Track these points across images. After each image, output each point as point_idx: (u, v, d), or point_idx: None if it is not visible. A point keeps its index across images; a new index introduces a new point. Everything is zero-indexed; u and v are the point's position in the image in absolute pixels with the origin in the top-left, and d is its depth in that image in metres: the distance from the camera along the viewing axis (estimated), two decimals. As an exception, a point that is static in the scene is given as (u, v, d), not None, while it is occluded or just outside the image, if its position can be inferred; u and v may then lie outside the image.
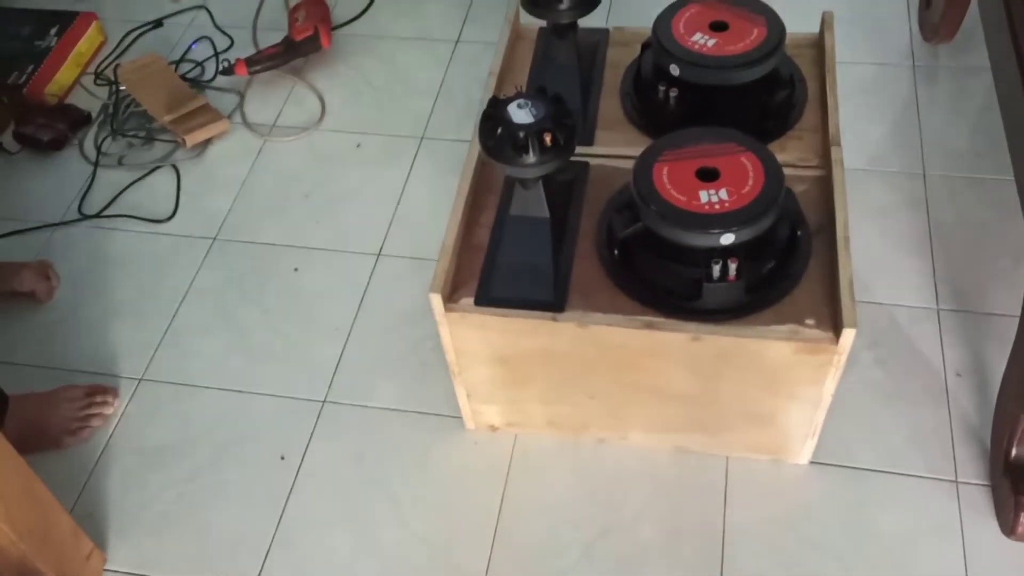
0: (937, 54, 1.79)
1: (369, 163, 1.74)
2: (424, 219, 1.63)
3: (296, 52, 1.89)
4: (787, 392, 1.12)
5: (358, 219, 1.64)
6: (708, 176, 1.06)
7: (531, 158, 1.01)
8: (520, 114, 1.02)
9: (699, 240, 1.03)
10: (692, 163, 1.08)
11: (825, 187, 1.19)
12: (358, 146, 1.77)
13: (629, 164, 1.14)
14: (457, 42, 1.95)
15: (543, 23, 1.37)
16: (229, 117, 1.83)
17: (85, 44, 1.96)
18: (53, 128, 1.79)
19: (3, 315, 1.54)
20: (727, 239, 1.02)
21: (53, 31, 1.95)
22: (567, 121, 1.03)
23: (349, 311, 1.50)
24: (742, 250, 1.04)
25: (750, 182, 1.05)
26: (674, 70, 1.21)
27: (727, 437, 1.23)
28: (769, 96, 1.25)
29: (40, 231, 1.67)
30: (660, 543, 1.21)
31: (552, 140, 1.01)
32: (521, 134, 1.00)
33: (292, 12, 1.95)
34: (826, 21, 1.35)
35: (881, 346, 1.37)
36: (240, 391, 1.42)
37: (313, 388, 1.41)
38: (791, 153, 1.23)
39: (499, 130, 1.01)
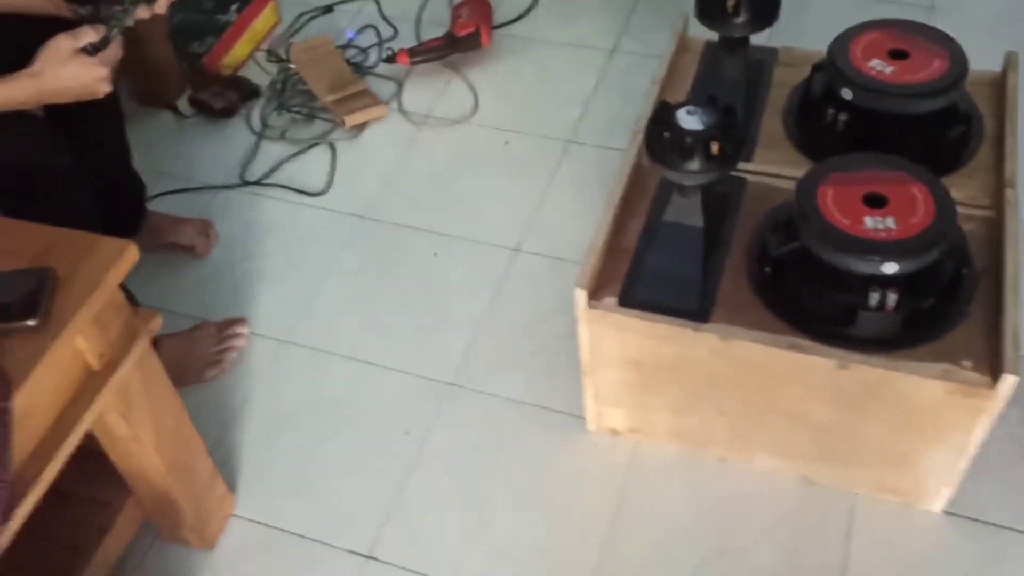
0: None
1: (515, 161, 1.77)
2: (563, 222, 1.64)
3: (457, 47, 1.94)
4: (932, 434, 1.08)
5: (500, 214, 1.67)
6: (875, 202, 1.04)
7: (695, 165, 1.01)
8: (690, 120, 1.02)
9: (860, 266, 1.00)
10: (859, 188, 1.05)
11: (994, 229, 1.14)
12: (506, 143, 1.80)
13: (787, 184, 1.13)
14: (613, 52, 1.96)
15: (710, 38, 1.37)
16: (387, 103, 1.89)
17: (261, 22, 2.07)
18: (225, 97, 1.90)
19: (163, 265, 1.64)
20: (890, 268, 0.99)
21: (233, 7, 2.06)
22: (736, 132, 1.02)
23: (483, 301, 1.53)
24: (904, 281, 1.01)
25: (920, 213, 1.02)
26: (846, 94, 1.19)
27: (859, 473, 1.20)
28: (944, 130, 1.21)
29: (204, 192, 1.77)
30: (775, 573, 1.19)
31: (719, 149, 1.01)
32: (689, 140, 1.01)
33: (456, 8, 2.01)
34: (1010, 61, 1.30)
35: (1033, 403, 1.30)
36: (372, 363, 1.47)
37: (442, 370, 1.45)
38: (961, 191, 1.18)
39: (666, 134, 1.02)
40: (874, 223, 1.01)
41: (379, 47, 2.03)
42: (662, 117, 1.04)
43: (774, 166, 1.25)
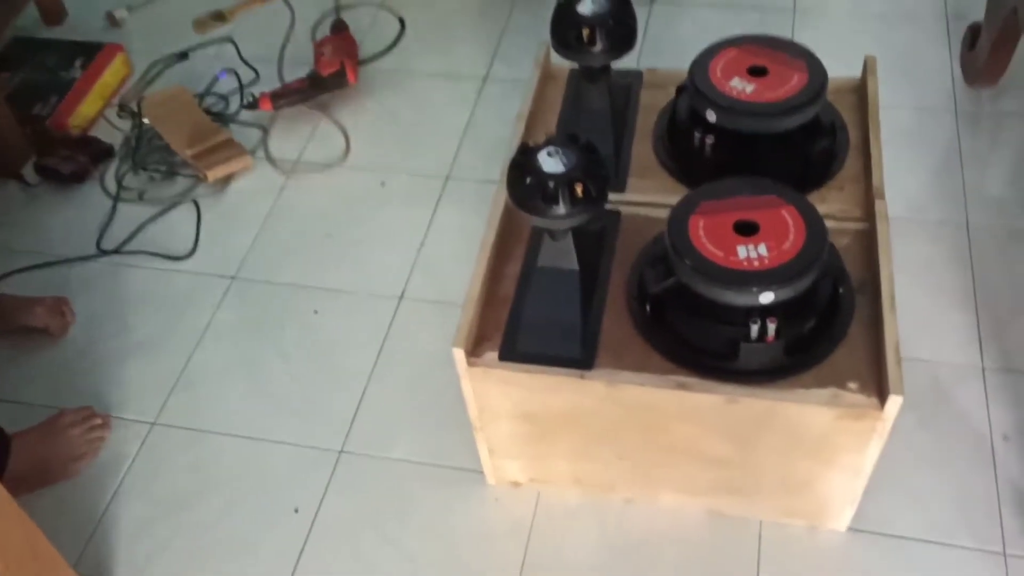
0: (980, 99, 1.73)
1: (393, 202, 1.70)
2: (448, 262, 1.59)
3: (322, 87, 1.86)
4: (827, 459, 1.06)
5: (380, 260, 1.60)
6: (747, 230, 1.01)
7: (561, 209, 0.97)
8: (550, 163, 0.98)
9: (736, 298, 0.97)
10: (730, 215, 1.03)
11: (868, 241, 1.13)
12: (382, 185, 1.74)
13: (663, 213, 1.10)
14: (485, 79, 1.92)
15: (574, 65, 1.33)
16: (252, 152, 1.80)
17: (110, 76, 1.95)
18: (75, 161, 1.77)
19: (15, 350, 1.51)
20: (766, 297, 0.96)
21: (78, 62, 1.94)
22: (600, 171, 0.98)
23: (369, 357, 1.46)
24: (781, 309, 0.98)
25: (791, 237, 1.00)
26: (711, 116, 1.17)
27: (763, 502, 1.17)
28: (809, 144, 1.20)
29: (59, 267, 1.64)
30: (690, 612, 1.15)
31: (583, 191, 0.97)
32: (551, 184, 0.96)
33: (318, 46, 1.93)
34: (868, 66, 1.30)
35: (923, 407, 1.31)
36: (255, 438, 1.38)
37: (330, 437, 1.37)
38: (832, 204, 1.17)
39: (528, 179, 0.97)
40: (747, 252, 0.99)
41: (240, 92, 1.94)
42: (522, 161, 0.99)
43: (649, 195, 1.22)
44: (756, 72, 1.19)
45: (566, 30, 1.16)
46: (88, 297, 1.59)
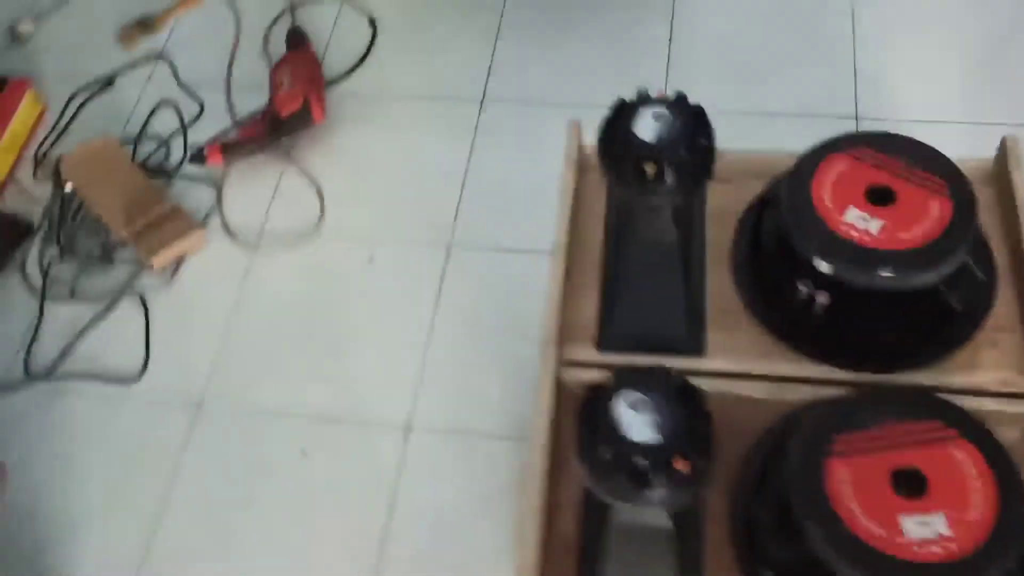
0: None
1: (385, 284, 1.39)
2: (460, 368, 1.29)
3: (283, 131, 1.51)
4: None
5: (377, 372, 1.30)
6: (911, 485, 0.73)
7: (657, 493, 0.68)
8: (638, 425, 0.68)
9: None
10: (881, 459, 0.74)
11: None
12: (370, 261, 1.41)
13: (763, 391, 0.82)
14: (482, 102, 1.57)
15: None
16: (204, 221, 1.47)
17: (19, 122, 1.58)
18: (-16, 250, 1.44)
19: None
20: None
21: (-23, 109, 1.57)
22: (706, 440, 0.69)
23: (374, 518, 1.18)
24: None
25: (975, 499, 0.71)
26: (823, 266, 0.86)
27: None
28: (954, 292, 0.90)
29: (-23, 401, 1.34)
30: None
31: (687, 464, 0.68)
32: (642, 460, 0.67)
33: (274, 73, 1.56)
34: (1008, 149, 0.99)
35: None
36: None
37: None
38: (986, 372, 0.88)
39: (608, 456, 0.68)
40: (918, 528, 0.71)
41: (182, 133, 1.58)
42: (597, 425, 0.69)
43: (738, 359, 0.91)
44: (879, 197, 0.87)
45: (620, 159, 0.84)
46: (17, 442, 1.28)
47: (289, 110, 1.49)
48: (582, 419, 0.70)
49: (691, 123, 0.83)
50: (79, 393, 1.33)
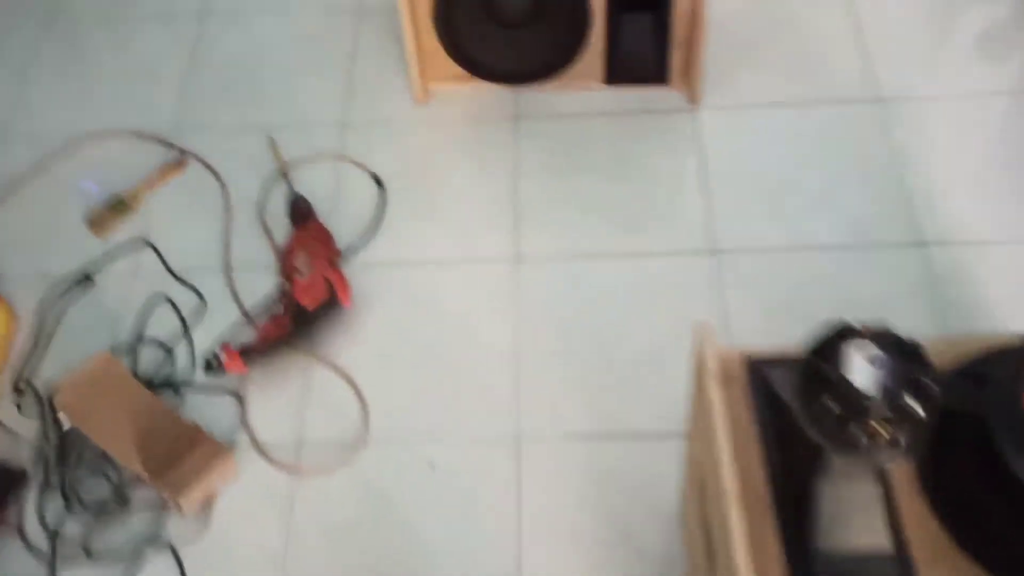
0: None
1: (455, 495, 1.21)
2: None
3: (308, 323, 1.33)
4: None
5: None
6: None
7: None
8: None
9: None
10: None
11: None
12: (432, 467, 1.24)
13: None
14: (518, 261, 1.42)
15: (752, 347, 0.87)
16: (232, 444, 1.27)
17: (-9, 342, 1.37)
18: (-26, 518, 1.21)
19: None
20: None
21: (-60, 336, 1.35)
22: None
23: None
24: None
25: None
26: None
27: None
28: None
29: None
30: None
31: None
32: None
33: (287, 255, 1.39)
34: None
35: None
36: None
37: None
38: None
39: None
40: None
41: (186, 336, 1.38)
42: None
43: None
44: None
45: (824, 415, 0.69)
46: None
47: (315, 301, 1.31)
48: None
49: (911, 365, 0.70)
50: None
